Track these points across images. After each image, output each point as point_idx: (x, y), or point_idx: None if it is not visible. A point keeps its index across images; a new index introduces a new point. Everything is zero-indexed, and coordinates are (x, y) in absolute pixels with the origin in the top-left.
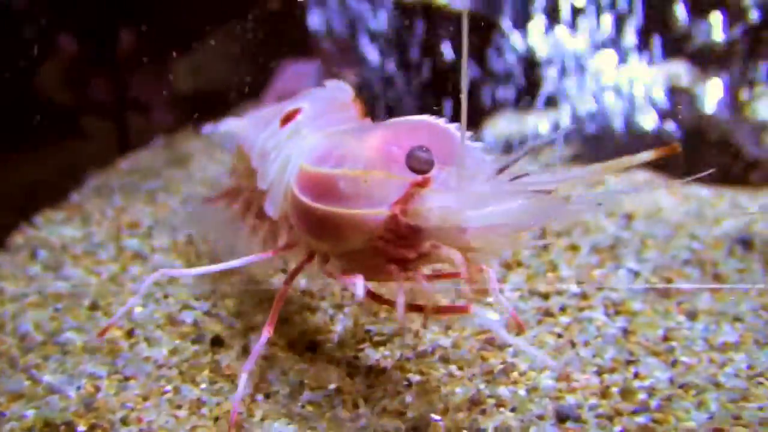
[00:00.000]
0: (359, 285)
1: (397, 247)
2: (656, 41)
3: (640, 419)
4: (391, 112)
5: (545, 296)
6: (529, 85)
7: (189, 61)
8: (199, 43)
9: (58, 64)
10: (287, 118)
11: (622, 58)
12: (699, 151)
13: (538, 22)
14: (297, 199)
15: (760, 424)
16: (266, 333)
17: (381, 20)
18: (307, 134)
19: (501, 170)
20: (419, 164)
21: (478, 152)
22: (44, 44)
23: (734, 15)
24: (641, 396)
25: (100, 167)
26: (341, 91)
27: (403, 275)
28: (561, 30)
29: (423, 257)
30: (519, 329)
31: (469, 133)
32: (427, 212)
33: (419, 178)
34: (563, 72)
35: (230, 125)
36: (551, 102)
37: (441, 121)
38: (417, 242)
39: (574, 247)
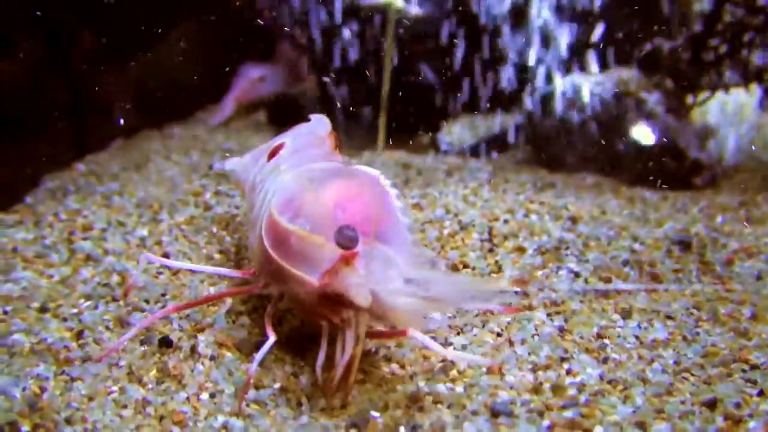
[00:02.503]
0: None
1: (325, 308)
2: (606, 48)
3: (568, 414)
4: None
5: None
6: (483, 90)
7: (150, 62)
8: (160, 43)
9: (16, 63)
10: (273, 153)
11: (574, 65)
12: (645, 155)
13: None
14: (261, 240)
15: (680, 417)
16: (272, 337)
17: (341, 25)
18: (284, 170)
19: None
20: (345, 242)
21: (405, 231)
22: (1, 43)
23: (679, 22)
24: (571, 392)
25: (57, 169)
26: (321, 125)
27: (332, 331)
28: (514, 36)
29: (345, 322)
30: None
31: (401, 205)
32: (345, 289)
33: (346, 253)
34: (517, 77)
35: (232, 163)
36: (505, 107)
37: (387, 183)
38: (341, 310)
39: (520, 249)
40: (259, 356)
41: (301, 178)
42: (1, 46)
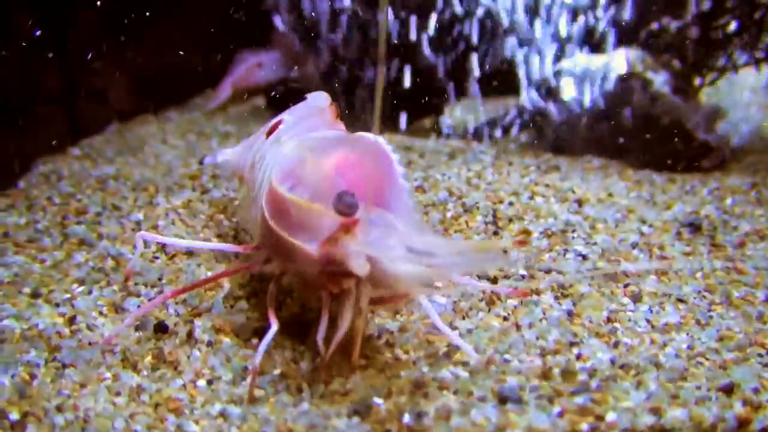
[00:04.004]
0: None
1: (326, 279)
2: (610, 27)
3: (579, 399)
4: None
5: (493, 280)
6: (485, 72)
7: (147, 46)
8: (157, 27)
9: (10, 47)
10: (271, 131)
11: (576, 45)
12: (652, 137)
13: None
14: (263, 212)
15: (696, 402)
16: (274, 325)
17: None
18: (285, 140)
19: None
20: (344, 209)
21: (406, 196)
22: None
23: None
24: (582, 377)
25: (50, 153)
26: (319, 99)
27: (332, 303)
28: (515, 17)
29: (345, 293)
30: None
31: (402, 170)
32: (344, 258)
33: (346, 221)
34: (519, 58)
35: (225, 154)
36: (507, 89)
37: (388, 149)
38: (341, 280)
39: (526, 232)
40: (262, 346)
41: (302, 147)
42: None
